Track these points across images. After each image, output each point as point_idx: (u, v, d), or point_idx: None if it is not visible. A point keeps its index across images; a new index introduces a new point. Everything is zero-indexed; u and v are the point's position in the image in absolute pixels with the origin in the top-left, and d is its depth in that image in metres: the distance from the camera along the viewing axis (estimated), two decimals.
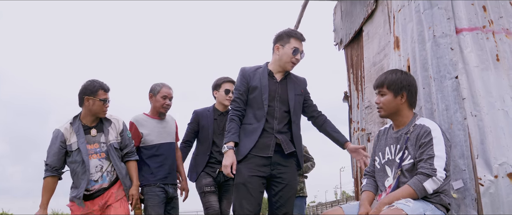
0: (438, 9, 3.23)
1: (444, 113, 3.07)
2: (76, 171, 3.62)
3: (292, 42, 3.38)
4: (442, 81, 3.12)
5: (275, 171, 3.28)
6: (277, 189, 3.29)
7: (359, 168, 4.96)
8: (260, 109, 3.31)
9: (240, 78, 3.44)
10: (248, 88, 3.38)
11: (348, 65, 5.53)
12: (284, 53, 3.38)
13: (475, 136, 2.92)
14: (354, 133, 5.13)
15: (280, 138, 3.30)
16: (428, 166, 2.52)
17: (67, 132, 3.66)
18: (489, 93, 3.00)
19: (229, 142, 3.23)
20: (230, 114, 3.37)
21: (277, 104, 3.35)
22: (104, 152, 3.67)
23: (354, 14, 5.19)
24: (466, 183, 2.87)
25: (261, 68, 3.46)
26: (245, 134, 3.31)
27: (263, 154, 3.26)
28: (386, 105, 2.82)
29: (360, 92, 5.04)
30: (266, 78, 3.38)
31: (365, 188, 2.93)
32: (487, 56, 3.09)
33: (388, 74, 2.88)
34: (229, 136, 3.26)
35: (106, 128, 3.76)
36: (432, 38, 3.21)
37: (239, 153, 3.28)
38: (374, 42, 4.62)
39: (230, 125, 3.32)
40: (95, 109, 3.69)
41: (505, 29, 3.21)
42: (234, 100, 3.41)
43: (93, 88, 3.69)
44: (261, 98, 3.32)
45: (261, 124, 3.28)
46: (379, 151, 2.92)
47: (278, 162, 3.30)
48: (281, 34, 3.44)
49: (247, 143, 3.27)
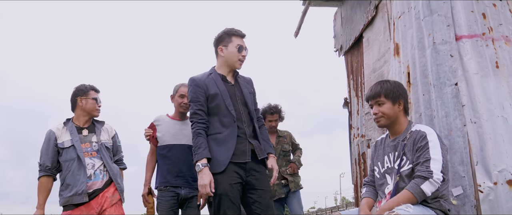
0: (438, 16, 3.24)
1: (443, 120, 3.08)
2: (70, 169, 3.61)
3: (234, 41, 3.31)
4: (442, 88, 3.13)
5: (250, 178, 3.18)
6: (255, 196, 3.17)
7: (359, 174, 4.97)
8: (227, 115, 3.20)
9: (194, 88, 3.26)
10: (207, 97, 3.23)
11: (348, 72, 5.54)
12: (230, 52, 3.30)
13: (474, 143, 2.93)
14: (354, 139, 5.14)
15: (254, 144, 3.24)
16: (424, 169, 2.54)
17: (59, 132, 3.72)
18: (489, 100, 3.01)
19: (202, 159, 3.06)
20: (196, 128, 3.17)
21: (241, 108, 3.27)
22: (96, 151, 3.72)
23: (354, 21, 5.21)
24: (466, 189, 2.88)
25: (211, 74, 3.34)
26: (218, 144, 3.15)
27: (240, 160, 3.16)
28: (386, 114, 2.81)
29: (360, 99, 5.04)
30: (222, 83, 3.28)
31: (365, 195, 2.95)
32: (487, 63, 3.11)
33: (382, 84, 2.88)
34: (201, 152, 3.08)
35: (98, 129, 3.83)
36: (432, 45, 3.22)
37: (219, 164, 3.10)
38: (374, 49, 4.64)
39: (198, 140, 3.13)
40: (89, 107, 3.78)
41: (504, 36, 3.22)
42: (196, 112, 3.21)
43: (85, 88, 3.81)
44: (224, 104, 3.20)
45: (233, 130, 3.17)
46: (378, 161, 2.94)
47: (252, 168, 3.21)
48: (221, 35, 3.35)
49: (224, 153, 3.12)
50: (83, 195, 3.55)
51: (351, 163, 5.27)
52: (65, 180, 3.63)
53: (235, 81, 3.39)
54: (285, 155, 5.24)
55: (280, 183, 5.05)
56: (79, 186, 3.56)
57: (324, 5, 5.99)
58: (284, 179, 5.09)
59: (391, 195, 2.66)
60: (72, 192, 3.56)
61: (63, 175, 3.67)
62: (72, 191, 3.56)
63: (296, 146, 5.40)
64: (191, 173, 4.08)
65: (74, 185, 3.57)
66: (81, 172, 3.58)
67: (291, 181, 5.11)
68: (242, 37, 3.37)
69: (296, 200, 5.12)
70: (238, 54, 3.31)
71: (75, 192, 3.55)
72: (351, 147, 5.29)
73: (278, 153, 5.15)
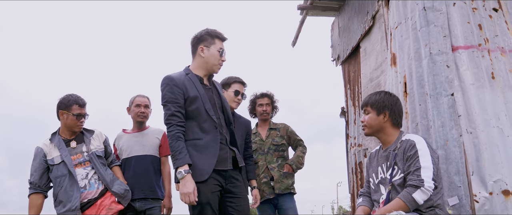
0: (434, 27, 3.27)
1: (440, 130, 3.09)
2: (62, 185, 3.56)
3: (217, 43, 3.13)
4: (438, 98, 3.15)
5: (229, 185, 3.06)
6: (234, 204, 3.06)
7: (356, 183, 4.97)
8: (206, 121, 3.01)
9: (173, 88, 2.98)
10: (185, 99, 3.00)
11: (345, 81, 5.57)
12: (211, 55, 3.10)
13: (470, 153, 2.95)
14: (351, 148, 5.15)
15: (235, 152, 3.16)
16: (415, 177, 2.57)
17: (47, 148, 3.66)
18: (485, 111, 3.03)
19: (184, 165, 2.83)
20: (175, 131, 2.92)
21: (220, 113, 3.12)
22: (88, 160, 3.68)
23: (352, 30, 5.24)
24: (462, 199, 2.89)
25: (188, 74, 3.11)
26: (198, 151, 2.95)
27: (222, 168, 3.02)
28: (369, 123, 2.92)
29: (357, 108, 5.06)
30: (200, 86, 3.08)
31: (360, 204, 2.99)
32: (483, 74, 3.13)
33: (373, 94, 2.98)
34: (182, 157, 2.85)
35: (87, 138, 3.76)
36: (428, 55, 3.25)
37: (202, 173, 2.91)
38: (371, 59, 4.66)
39: (178, 144, 2.88)
40: (69, 123, 3.69)
41: (500, 48, 3.25)
42: (174, 114, 2.94)
43: (68, 102, 3.69)
44: (204, 108, 3.01)
45: (215, 136, 3.00)
46: (372, 173, 2.98)
47: (232, 175, 3.10)
48: (203, 34, 3.14)
49: (207, 161, 2.94)
50: (76, 211, 3.50)
51: (348, 172, 5.28)
52: (58, 197, 3.59)
53: (212, 85, 3.23)
54: (277, 150, 4.59)
55: (268, 182, 4.47)
56: (73, 202, 3.51)
57: (322, 15, 6.03)
58: (272, 179, 4.46)
59: (384, 204, 2.69)
60: (66, 208, 3.52)
61: (55, 191, 3.62)
62: (66, 207, 3.52)
63: (297, 141, 4.72)
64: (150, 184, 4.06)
65: (68, 201, 3.53)
66: (74, 188, 3.54)
67: (278, 181, 4.45)
68: (223, 41, 3.19)
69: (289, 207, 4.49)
70: (219, 58, 3.13)
71: (68, 208, 3.51)
72: (348, 156, 5.30)
73: (268, 148, 4.57)
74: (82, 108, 3.73)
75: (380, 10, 4.47)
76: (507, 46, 3.28)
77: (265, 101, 4.66)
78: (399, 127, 2.92)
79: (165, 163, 4.27)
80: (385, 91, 3.04)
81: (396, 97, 2.97)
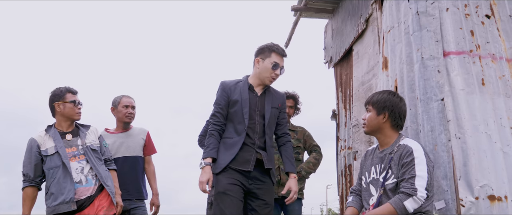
0: (427, 32, 3.29)
1: (429, 134, 3.11)
2: (55, 177, 3.48)
3: (272, 57, 3.31)
4: (428, 102, 3.16)
5: (253, 186, 3.22)
6: (254, 204, 3.21)
7: (345, 186, 4.98)
8: (241, 123, 3.27)
9: (220, 92, 3.38)
10: (229, 102, 3.33)
11: (337, 84, 5.58)
12: (264, 67, 3.32)
13: (458, 158, 2.96)
14: (341, 151, 5.17)
15: (262, 154, 3.27)
16: (409, 185, 2.56)
17: (41, 139, 3.59)
18: (474, 116, 3.05)
19: (207, 157, 3.19)
20: (210, 129, 3.31)
21: (257, 118, 3.31)
22: (83, 154, 3.60)
23: (345, 33, 5.25)
24: (448, 203, 2.90)
25: (241, 82, 3.41)
26: (225, 148, 3.26)
27: (243, 168, 3.20)
28: (368, 122, 2.92)
29: (348, 111, 5.08)
30: (246, 92, 3.34)
31: (349, 204, 2.98)
32: (473, 80, 3.15)
33: (377, 93, 2.97)
34: (208, 151, 3.22)
35: (83, 132, 3.70)
36: (420, 60, 3.26)
37: (217, 166, 3.21)
38: (363, 62, 4.68)
39: (209, 140, 3.27)
40: (68, 112, 3.63)
41: (491, 54, 3.27)
42: (214, 114, 3.34)
43: (61, 92, 3.65)
44: (241, 112, 3.28)
45: (241, 138, 3.24)
46: (365, 171, 2.97)
47: (256, 177, 3.24)
48: (263, 47, 3.38)
49: (226, 156, 3.21)
50: (71, 203, 3.42)
51: (338, 174, 5.29)
52: (49, 189, 3.51)
53: (263, 93, 3.40)
54: None
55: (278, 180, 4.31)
56: (67, 194, 3.42)
57: (315, 17, 6.04)
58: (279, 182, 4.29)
59: (374, 208, 2.70)
60: (58, 201, 3.43)
61: (48, 183, 3.54)
62: (58, 199, 3.43)
63: (312, 146, 4.58)
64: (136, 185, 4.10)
65: (60, 193, 3.43)
66: (67, 179, 3.45)
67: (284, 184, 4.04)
68: (282, 56, 3.37)
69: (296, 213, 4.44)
70: (271, 71, 3.31)
71: (62, 201, 3.42)
72: (338, 158, 5.32)
73: None
74: (75, 95, 3.70)
75: (373, 13, 4.49)
76: (498, 53, 3.30)
77: (289, 103, 4.50)
78: (398, 129, 2.91)
79: (150, 162, 4.32)
80: (390, 91, 3.02)
81: (400, 98, 2.94)
